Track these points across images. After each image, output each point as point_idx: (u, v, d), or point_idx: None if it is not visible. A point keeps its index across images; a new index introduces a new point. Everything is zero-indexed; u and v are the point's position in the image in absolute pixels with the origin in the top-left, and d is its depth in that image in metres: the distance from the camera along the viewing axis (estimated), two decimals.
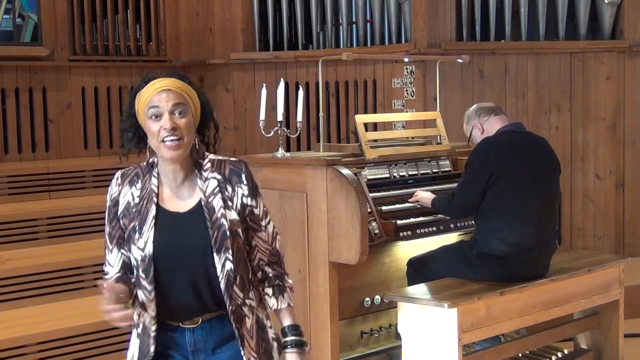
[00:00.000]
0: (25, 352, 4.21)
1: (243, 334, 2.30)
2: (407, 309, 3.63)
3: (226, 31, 7.08)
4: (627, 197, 6.37)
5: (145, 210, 2.29)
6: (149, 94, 2.27)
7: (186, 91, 2.29)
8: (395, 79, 6.12)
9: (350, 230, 3.78)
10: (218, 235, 2.26)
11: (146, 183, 2.33)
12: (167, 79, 2.29)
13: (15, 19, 6.39)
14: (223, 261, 2.26)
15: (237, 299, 2.29)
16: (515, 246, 3.73)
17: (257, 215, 2.36)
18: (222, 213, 2.28)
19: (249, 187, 2.34)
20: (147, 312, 2.30)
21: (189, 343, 2.32)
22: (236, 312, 2.29)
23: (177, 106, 2.25)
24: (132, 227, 2.29)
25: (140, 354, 2.33)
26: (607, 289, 4.21)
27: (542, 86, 6.18)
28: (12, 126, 6.39)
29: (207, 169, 2.33)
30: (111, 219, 2.34)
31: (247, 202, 2.33)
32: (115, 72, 6.88)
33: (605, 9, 6.28)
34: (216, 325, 2.32)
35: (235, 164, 2.36)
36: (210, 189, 2.30)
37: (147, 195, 2.31)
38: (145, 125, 2.28)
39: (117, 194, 2.34)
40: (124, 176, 2.36)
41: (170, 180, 2.32)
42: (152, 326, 2.29)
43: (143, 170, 2.35)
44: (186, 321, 2.31)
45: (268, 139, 4.97)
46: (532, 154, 3.88)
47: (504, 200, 3.76)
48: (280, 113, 4.24)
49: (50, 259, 4.96)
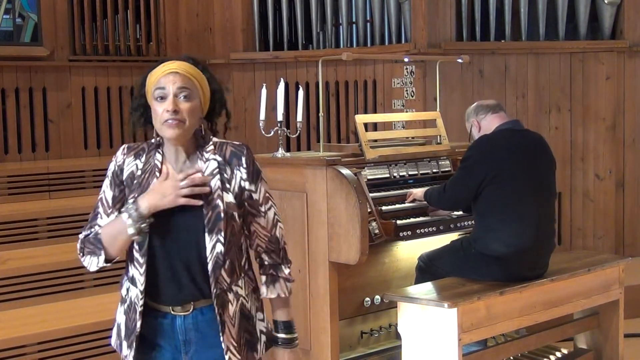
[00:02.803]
0: (25, 352, 4.21)
1: (225, 320, 2.27)
2: (407, 309, 3.63)
3: (226, 31, 7.08)
4: (627, 197, 6.38)
5: (146, 184, 2.28)
6: (157, 75, 2.27)
7: (195, 75, 2.29)
8: (395, 79, 6.12)
9: (350, 230, 3.78)
10: (212, 216, 2.24)
11: (150, 158, 2.32)
12: (179, 62, 2.29)
13: (15, 19, 6.39)
14: (214, 242, 2.24)
15: (222, 282, 2.26)
16: (514, 246, 3.73)
17: (256, 200, 2.34)
18: (218, 194, 2.26)
19: (249, 171, 2.33)
20: (135, 287, 2.27)
21: (180, 331, 2.29)
22: (220, 296, 2.26)
23: (182, 89, 2.25)
24: (131, 197, 2.28)
25: (126, 330, 2.30)
26: (607, 289, 4.20)
27: (542, 86, 6.18)
28: (12, 126, 6.39)
29: (209, 150, 2.33)
30: (117, 184, 2.32)
31: (245, 185, 2.32)
32: (115, 72, 6.88)
33: (605, 9, 6.28)
34: (208, 314, 2.29)
35: (236, 147, 2.35)
36: (210, 170, 2.29)
37: (150, 170, 2.30)
38: (152, 105, 2.29)
39: (122, 162, 2.34)
40: (129, 148, 2.36)
41: (173, 160, 2.32)
42: (139, 301, 2.26)
43: (149, 146, 2.35)
44: (177, 307, 2.28)
45: (268, 139, 4.97)
46: (528, 152, 3.88)
47: (500, 200, 3.76)
48: (280, 113, 4.24)
49: (50, 259, 4.96)
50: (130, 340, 2.29)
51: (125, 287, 2.32)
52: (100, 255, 2.28)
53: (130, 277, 2.30)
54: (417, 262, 4.11)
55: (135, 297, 2.28)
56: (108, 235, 2.26)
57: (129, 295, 2.31)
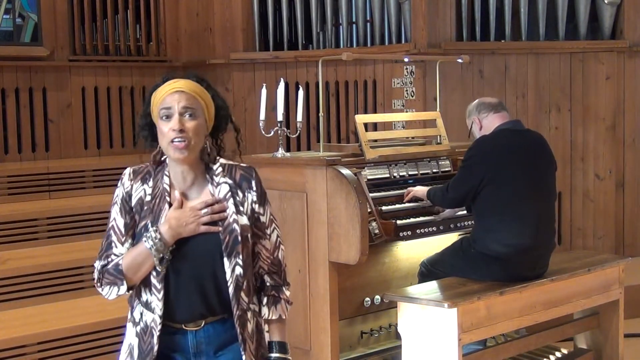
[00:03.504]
0: (25, 352, 4.21)
1: (245, 338, 2.31)
2: (407, 309, 3.63)
3: (226, 31, 7.07)
4: (627, 197, 6.37)
5: (158, 209, 2.29)
6: (162, 94, 2.27)
7: (200, 94, 2.29)
8: (395, 79, 6.12)
9: (350, 230, 3.78)
10: (229, 240, 2.26)
11: (158, 182, 2.33)
12: (183, 80, 2.30)
13: (15, 19, 6.39)
14: (233, 266, 2.26)
15: (243, 303, 2.30)
16: (513, 247, 3.73)
17: (262, 223, 2.37)
18: (234, 218, 2.28)
19: (258, 194, 2.35)
20: (151, 312, 2.29)
21: (192, 345, 2.32)
22: (241, 317, 2.30)
23: (187, 109, 2.25)
24: (143, 224, 2.28)
25: (140, 352, 2.32)
26: (607, 289, 4.20)
27: (542, 86, 6.17)
28: (12, 126, 6.39)
29: (218, 173, 2.34)
30: (127, 210, 2.32)
31: (255, 208, 2.35)
32: (115, 72, 6.88)
33: (605, 9, 6.28)
34: (219, 328, 2.33)
35: (245, 170, 2.37)
36: (222, 194, 2.31)
37: (160, 194, 2.31)
38: (157, 124, 2.29)
39: (130, 188, 2.33)
40: (135, 172, 2.35)
41: (180, 181, 2.33)
42: (157, 326, 2.27)
43: (154, 169, 2.35)
44: (189, 323, 2.31)
45: (268, 139, 4.97)
46: (529, 152, 3.88)
47: (500, 200, 3.76)
48: (280, 113, 4.24)
49: (50, 259, 4.96)
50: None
51: (139, 311, 2.33)
52: (122, 285, 2.29)
53: (145, 302, 2.30)
54: (419, 268, 4.11)
55: (152, 322, 2.29)
56: (130, 265, 2.27)
57: (143, 319, 2.31)
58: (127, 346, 2.38)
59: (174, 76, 2.32)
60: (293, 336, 4.03)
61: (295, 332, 4.00)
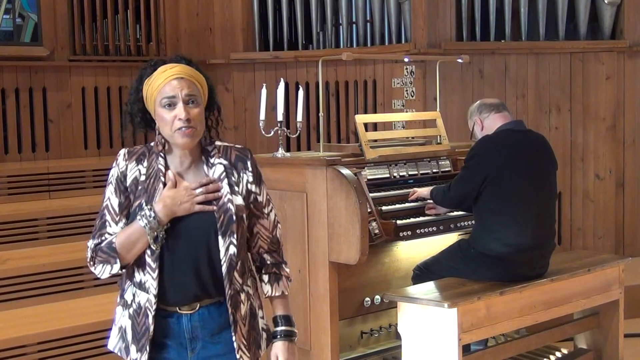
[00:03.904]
0: (25, 352, 4.21)
1: (237, 320, 2.30)
2: (407, 309, 3.63)
3: (226, 31, 7.08)
4: (627, 197, 6.38)
5: (152, 189, 2.29)
6: (160, 82, 2.27)
7: (197, 79, 2.31)
8: (395, 79, 6.12)
9: (350, 230, 3.78)
10: (224, 219, 2.27)
11: (153, 162, 2.33)
12: (178, 65, 2.30)
13: (15, 19, 6.39)
14: (227, 245, 2.27)
15: (236, 284, 2.30)
16: (513, 247, 3.73)
17: (260, 202, 2.39)
18: (228, 198, 2.30)
19: (254, 174, 2.37)
20: (145, 292, 2.28)
21: (186, 330, 2.31)
22: (234, 297, 2.29)
23: (190, 96, 2.27)
24: (137, 204, 2.28)
25: (134, 334, 2.31)
26: (607, 289, 4.21)
27: (542, 86, 6.17)
28: (12, 126, 6.39)
29: (213, 154, 2.35)
30: (122, 190, 2.31)
31: (251, 188, 2.36)
32: (115, 72, 6.87)
33: (605, 9, 6.28)
34: (214, 312, 2.32)
35: (240, 151, 2.39)
36: (217, 174, 2.32)
37: (154, 174, 2.31)
38: (156, 112, 2.29)
39: (125, 168, 2.33)
40: (130, 153, 2.36)
41: (177, 164, 2.34)
42: (152, 306, 2.27)
43: (149, 150, 2.35)
44: (184, 306, 2.30)
45: (268, 139, 4.97)
46: (530, 153, 3.88)
47: (500, 201, 3.76)
48: (280, 113, 4.25)
49: (50, 259, 4.96)
50: (141, 344, 2.29)
51: (131, 292, 2.32)
52: (115, 263, 2.28)
53: (138, 282, 2.30)
54: (413, 273, 4.10)
55: (146, 302, 2.28)
56: (124, 244, 2.27)
57: (136, 301, 2.31)
58: (118, 329, 2.37)
59: (164, 61, 2.32)
60: None
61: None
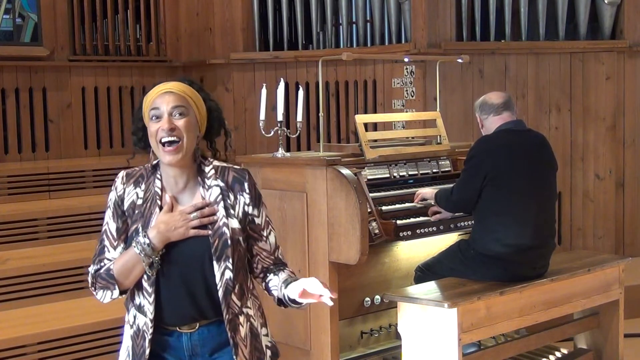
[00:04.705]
0: (25, 352, 4.21)
1: (237, 342, 2.31)
2: (407, 309, 3.63)
3: (226, 31, 7.07)
4: (627, 197, 6.37)
5: (149, 213, 2.29)
6: (152, 96, 2.29)
7: (189, 94, 2.30)
8: (395, 79, 6.12)
9: (350, 230, 3.78)
10: (219, 244, 2.26)
11: (150, 185, 2.33)
12: (173, 82, 2.31)
13: (15, 19, 6.39)
14: (222, 269, 2.26)
15: (234, 307, 2.30)
16: (513, 247, 3.73)
17: (258, 225, 2.37)
18: (224, 221, 2.28)
19: (251, 196, 2.34)
20: (143, 315, 2.29)
21: (186, 347, 2.32)
22: (232, 321, 2.30)
23: (176, 108, 2.26)
24: (134, 228, 2.29)
25: (134, 355, 2.33)
26: (607, 289, 4.20)
27: (542, 86, 6.17)
28: (12, 126, 6.39)
29: (210, 176, 2.33)
30: (119, 215, 2.32)
31: (248, 210, 2.34)
32: (115, 72, 6.88)
33: (605, 9, 6.28)
34: (214, 331, 2.33)
35: (238, 172, 2.36)
36: (213, 197, 2.30)
37: (151, 198, 2.31)
38: (147, 126, 2.30)
39: (122, 192, 2.34)
40: (128, 176, 2.36)
41: (172, 185, 2.33)
42: (148, 329, 2.28)
43: (147, 172, 2.36)
44: (183, 326, 2.31)
45: (268, 139, 4.97)
46: (529, 152, 3.87)
47: (499, 201, 3.76)
48: (280, 113, 4.24)
49: (50, 259, 4.96)
50: None
51: (132, 314, 2.34)
52: (115, 289, 2.30)
53: (138, 305, 2.31)
54: (415, 273, 4.10)
55: (143, 325, 2.29)
56: (121, 271, 2.28)
57: (137, 323, 2.32)
58: (126, 348, 2.39)
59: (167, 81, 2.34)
60: (293, 336, 4.03)
61: (295, 332, 4.01)
